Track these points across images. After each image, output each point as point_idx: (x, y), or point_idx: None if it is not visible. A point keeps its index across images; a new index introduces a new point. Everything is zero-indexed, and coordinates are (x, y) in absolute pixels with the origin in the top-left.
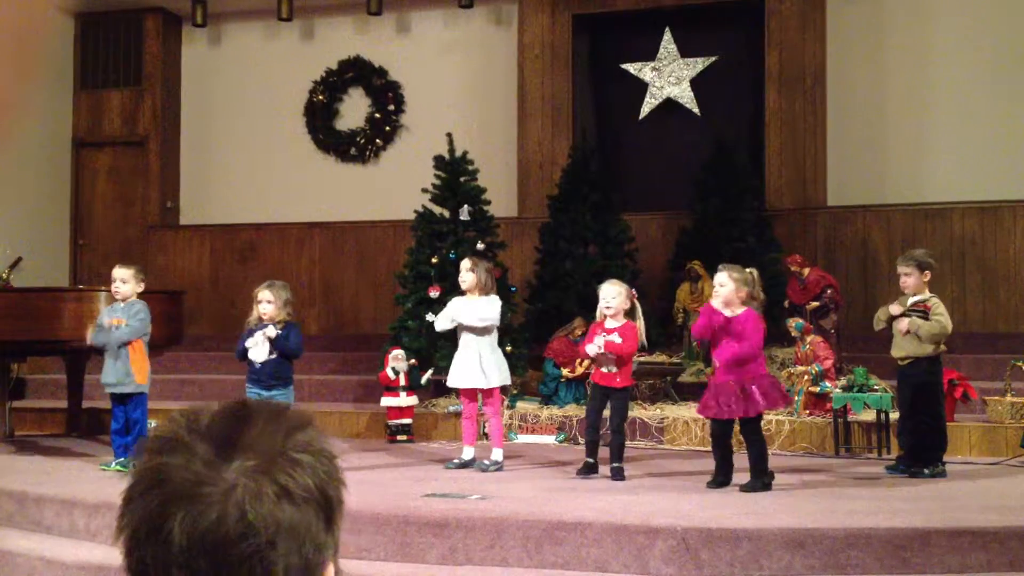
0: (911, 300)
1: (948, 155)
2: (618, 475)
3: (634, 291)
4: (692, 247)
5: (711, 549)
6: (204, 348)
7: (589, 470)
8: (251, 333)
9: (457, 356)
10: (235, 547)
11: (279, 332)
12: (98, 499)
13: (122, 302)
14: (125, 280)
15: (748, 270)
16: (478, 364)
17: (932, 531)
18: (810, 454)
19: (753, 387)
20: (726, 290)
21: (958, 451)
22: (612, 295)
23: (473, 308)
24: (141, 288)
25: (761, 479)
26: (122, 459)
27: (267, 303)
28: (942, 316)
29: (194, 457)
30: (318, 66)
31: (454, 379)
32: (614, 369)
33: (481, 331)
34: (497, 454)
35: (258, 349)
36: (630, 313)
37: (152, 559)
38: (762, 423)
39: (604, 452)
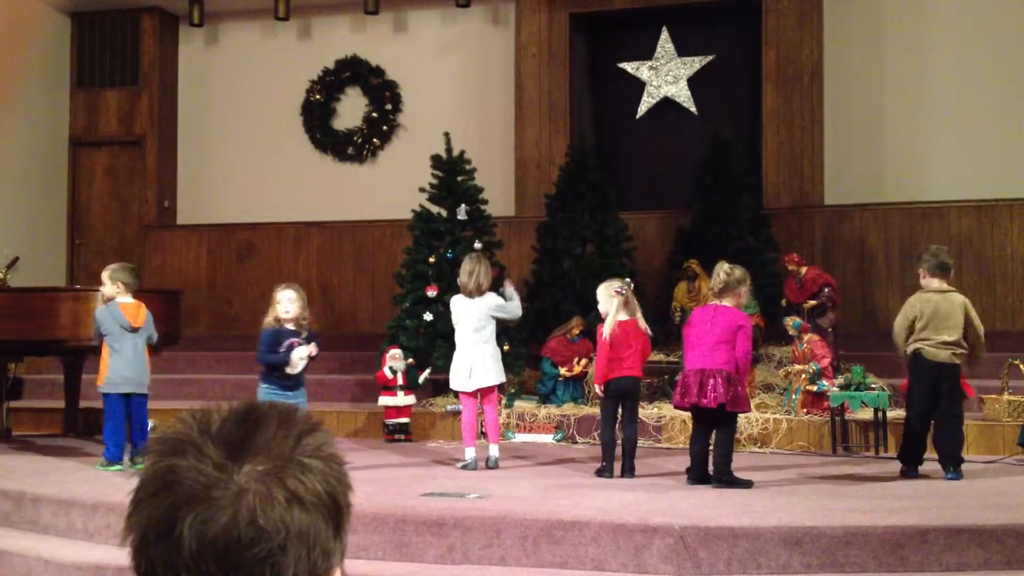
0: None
1: (945, 154)
2: (632, 473)
3: (620, 286)
4: (690, 246)
5: (709, 548)
6: (202, 348)
7: (611, 473)
8: (279, 337)
9: (459, 357)
10: (245, 552)
11: (313, 346)
12: (96, 499)
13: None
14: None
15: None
16: (481, 364)
17: (930, 529)
18: (808, 452)
19: (712, 380)
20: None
21: None
22: (598, 298)
23: (486, 304)
24: (118, 289)
25: (725, 477)
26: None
27: (289, 302)
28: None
29: (204, 459)
30: (315, 65)
31: (459, 383)
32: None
33: (483, 330)
34: (494, 450)
35: (301, 362)
36: (629, 308)
37: (161, 561)
38: (759, 420)
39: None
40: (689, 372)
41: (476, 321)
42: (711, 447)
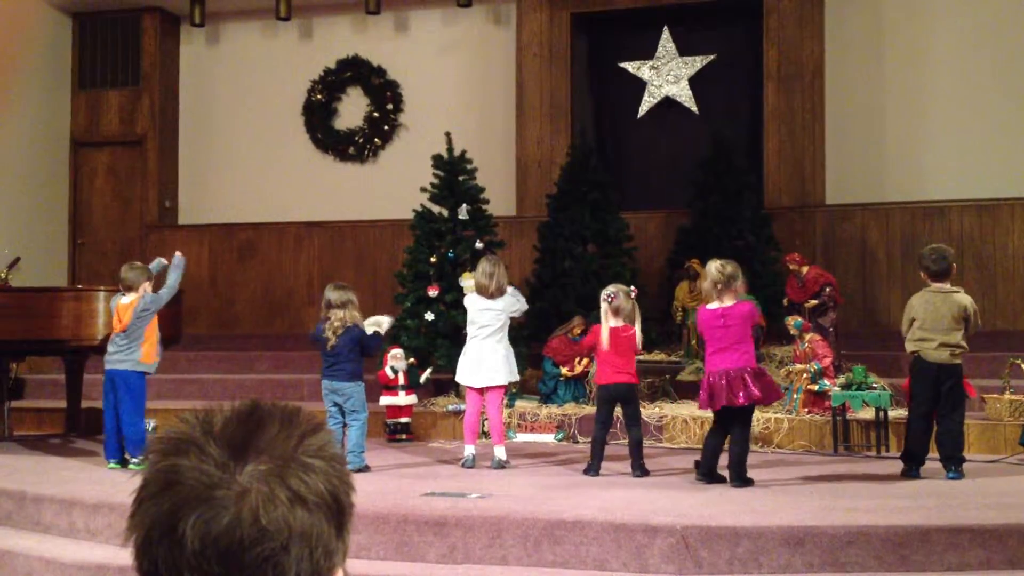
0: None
1: (946, 153)
2: (644, 472)
3: (605, 295)
4: (691, 245)
5: (710, 547)
6: (203, 347)
7: (597, 471)
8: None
9: (469, 353)
10: (248, 551)
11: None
12: (97, 499)
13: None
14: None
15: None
16: (492, 362)
17: (931, 529)
18: (809, 452)
19: (739, 379)
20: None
21: None
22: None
23: (504, 304)
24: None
25: (743, 475)
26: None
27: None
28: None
29: (207, 459)
30: (316, 65)
31: (467, 377)
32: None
33: (500, 329)
34: (499, 451)
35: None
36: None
37: (164, 561)
38: (761, 420)
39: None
40: (712, 374)
41: (495, 321)
42: (724, 445)
